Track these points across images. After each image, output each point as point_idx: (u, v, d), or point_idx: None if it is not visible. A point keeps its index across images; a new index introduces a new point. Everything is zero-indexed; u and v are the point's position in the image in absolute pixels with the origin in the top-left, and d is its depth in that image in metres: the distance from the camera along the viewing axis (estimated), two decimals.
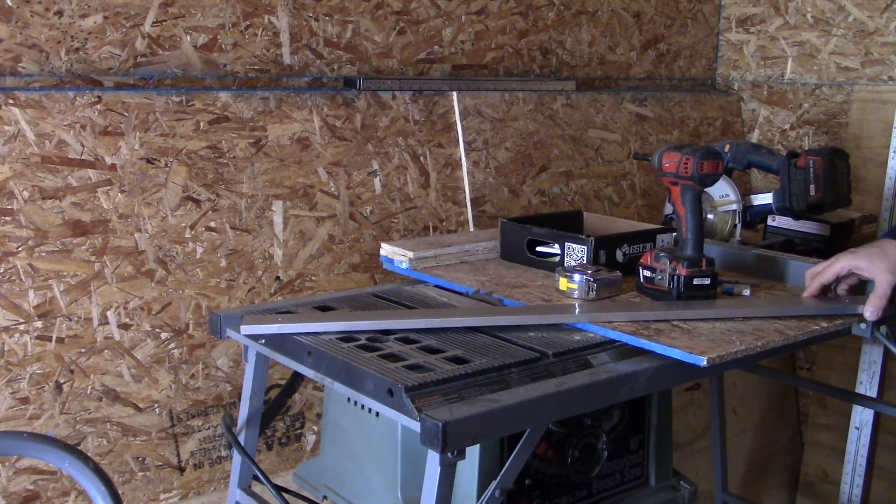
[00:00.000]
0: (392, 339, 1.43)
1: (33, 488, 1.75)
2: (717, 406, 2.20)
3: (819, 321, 1.52)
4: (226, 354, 1.96)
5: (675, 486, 1.73)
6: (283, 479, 1.99)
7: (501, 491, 1.28)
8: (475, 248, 1.88)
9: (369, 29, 2.17)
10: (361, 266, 2.14)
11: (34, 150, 1.71)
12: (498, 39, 2.43)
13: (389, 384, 1.21)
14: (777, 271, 1.80)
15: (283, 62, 2.04)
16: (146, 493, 1.88)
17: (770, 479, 3.05)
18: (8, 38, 1.70)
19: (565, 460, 1.54)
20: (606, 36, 2.70)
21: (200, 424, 1.94)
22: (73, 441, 1.78)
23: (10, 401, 1.72)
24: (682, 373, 1.38)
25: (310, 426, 2.10)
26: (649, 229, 1.84)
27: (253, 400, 1.62)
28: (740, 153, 2.18)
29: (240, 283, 1.96)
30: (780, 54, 2.94)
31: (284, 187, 2.01)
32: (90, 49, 1.80)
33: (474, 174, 2.33)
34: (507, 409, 1.19)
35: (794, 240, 2.23)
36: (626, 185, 2.71)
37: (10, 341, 1.71)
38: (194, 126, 1.88)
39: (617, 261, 1.73)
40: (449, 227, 2.30)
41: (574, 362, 1.35)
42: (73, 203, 1.75)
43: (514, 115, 2.42)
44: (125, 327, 1.83)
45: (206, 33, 1.93)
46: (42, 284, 1.73)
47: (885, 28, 2.70)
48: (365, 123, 2.14)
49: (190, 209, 1.89)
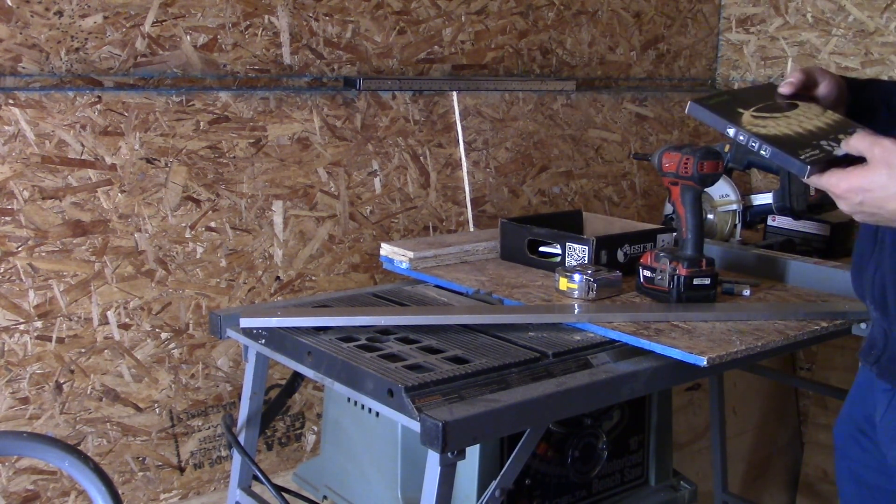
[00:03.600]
0: (392, 339, 1.43)
1: (33, 488, 1.75)
2: (717, 406, 2.20)
3: (819, 321, 1.52)
4: (226, 354, 1.96)
5: (675, 486, 1.73)
6: (283, 479, 1.98)
7: (501, 491, 1.28)
8: (475, 248, 1.88)
9: (369, 29, 2.17)
10: (361, 266, 2.14)
11: (34, 150, 1.71)
12: (498, 39, 2.43)
13: (389, 384, 1.21)
14: (777, 271, 1.80)
15: (283, 62, 2.04)
16: (146, 493, 1.88)
17: (770, 479, 3.05)
18: (8, 38, 1.70)
19: (565, 460, 1.54)
20: (606, 36, 2.70)
21: (200, 424, 1.94)
22: (73, 441, 1.78)
23: (10, 401, 1.72)
24: (682, 373, 1.38)
25: (310, 426, 2.10)
26: (649, 229, 1.84)
27: (253, 400, 1.62)
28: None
29: (240, 283, 1.96)
30: (780, 54, 2.94)
31: (284, 187, 2.01)
32: (90, 49, 1.79)
33: (474, 174, 2.33)
34: (507, 409, 1.19)
35: (794, 240, 2.23)
36: (626, 185, 2.71)
37: (10, 341, 1.71)
38: (194, 126, 1.88)
39: (618, 261, 1.74)
40: (449, 227, 2.30)
41: (574, 362, 1.35)
42: (73, 203, 1.75)
43: (514, 115, 2.42)
44: (125, 327, 1.83)
45: (206, 33, 1.93)
46: (42, 284, 1.73)
47: (885, 28, 2.70)
48: (365, 123, 2.14)
49: (190, 209, 1.89)
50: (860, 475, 1.44)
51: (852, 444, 1.45)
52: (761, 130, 1.30)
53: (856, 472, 1.45)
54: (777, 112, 1.35)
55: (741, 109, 1.34)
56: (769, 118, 1.33)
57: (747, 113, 1.34)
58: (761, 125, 1.31)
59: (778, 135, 1.29)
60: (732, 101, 1.36)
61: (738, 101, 1.37)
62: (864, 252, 1.33)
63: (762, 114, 1.34)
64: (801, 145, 1.25)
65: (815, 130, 1.30)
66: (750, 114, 1.34)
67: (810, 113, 1.34)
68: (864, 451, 1.42)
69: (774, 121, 1.32)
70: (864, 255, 1.33)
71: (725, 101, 1.37)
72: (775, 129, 1.31)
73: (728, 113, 1.34)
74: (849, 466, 1.47)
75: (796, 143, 1.26)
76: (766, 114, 1.34)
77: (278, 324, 1.46)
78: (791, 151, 1.24)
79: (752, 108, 1.35)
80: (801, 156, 1.23)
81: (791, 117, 1.33)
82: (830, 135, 1.27)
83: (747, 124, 1.32)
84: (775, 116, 1.33)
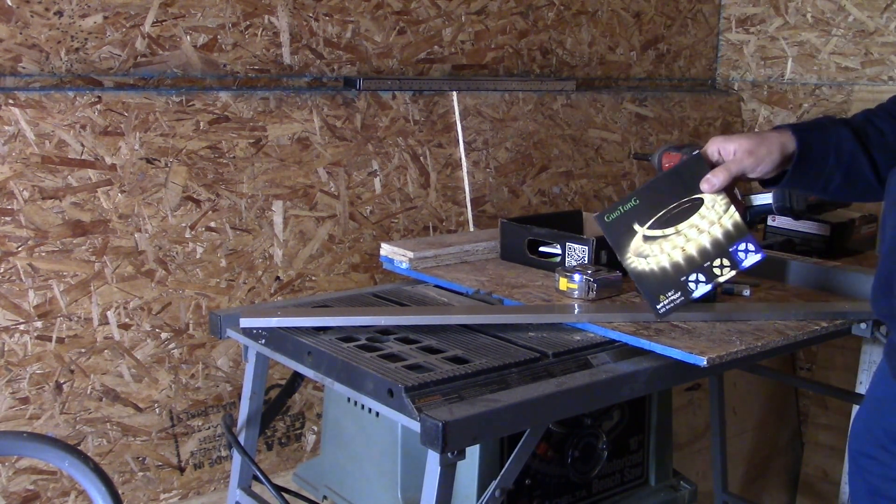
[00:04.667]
0: (392, 339, 1.43)
1: (33, 488, 1.75)
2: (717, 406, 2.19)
3: (819, 321, 1.52)
4: (226, 354, 1.96)
5: (675, 486, 1.73)
6: (283, 479, 1.99)
7: (501, 491, 1.28)
8: (475, 248, 1.88)
9: (369, 29, 2.17)
10: (361, 266, 2.14)
11: (34, 150, 1.71)
12: (498, 39, 2.43)
13: (389, 384, 1.21)
14: (777, 271, 1.80)
15: (283, 62, 2.04)
16: (146, 493, 1.88)
17: (770, 479, 3.05)
18: (8, 38, 1.70)
19: (565, 460, 1.54)
20: (606, 36, 2.70)
21: (200, 424, 1.94)
22: (73, 441, 1.78)
23: (10, 401, 1.72)
24: (682, 373, 1.38)
25: (310, 426, 2.10)
26: None
27: (253, 400, 1.62)
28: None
29: (240, 283, 1.96)
30: (780, 54, 2.94)
31: (284, 187, 2.01)
32: (90, 49, 1.79)
33: (474, 174, 2.33)
34: (507, 409, 1.19)
35: (794, 240, 2.23)
36: (626, 185, 2.71)
37: (10, 341, 1.71)
38: (194, 126, 1.88)
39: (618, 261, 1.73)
40: (449, 227, 2.30)
41: (574, 362, 1.35)
42: (73, 203, 1.75)
43: (514, 115, 2.42)
44: (125, 327, 1.83)
45: (206, 33, 1.93)
46: (42, 284, 1.73)
47: (885, 28, 2.70)
48: (365, 123, 2.14)
49: (190, 209, 1.89)
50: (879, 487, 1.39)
51: (869, 461, 1.41)
52: (638, 266, 1.38)
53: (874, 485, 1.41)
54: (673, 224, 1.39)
55: (637, 227, 1.39)
56: (659, 239, 1.39)
57: (641, 232, 1.39)
58: (645, 252, 1.39)
59: (653, 270, 1.38)
60: (635, 212, 1.40)
61: (641, 209, 1.40)
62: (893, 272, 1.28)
63: (655, 232, 1.39)
64: (666, 287, 1.37)
65: (694, 256, 1.37)
66: (643, 232, 1.39)
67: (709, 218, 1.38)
68: (884, 465, 1.37)
69: (661, 243, 1.39)
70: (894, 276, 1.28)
71: (629, 212, 1.40)
72: (654, 259, 1.38)
73: (623, 234, 1.40)
74: (865, 479, 1.43)
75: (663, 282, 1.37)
76: (658, 231, 1.39)
77: (278, 324, 1.46)
78: (654, 296, 1.38)
79: (649, 223, 1.39)
80: (659, 303, 1.38)
81: (682, 231, 1.38)
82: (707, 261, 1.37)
83: (632, 253, 1.39)
84: (666, 235, 1.39)
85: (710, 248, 1.37)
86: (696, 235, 1.38)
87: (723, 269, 1.37)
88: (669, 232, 1.38)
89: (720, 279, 1.36)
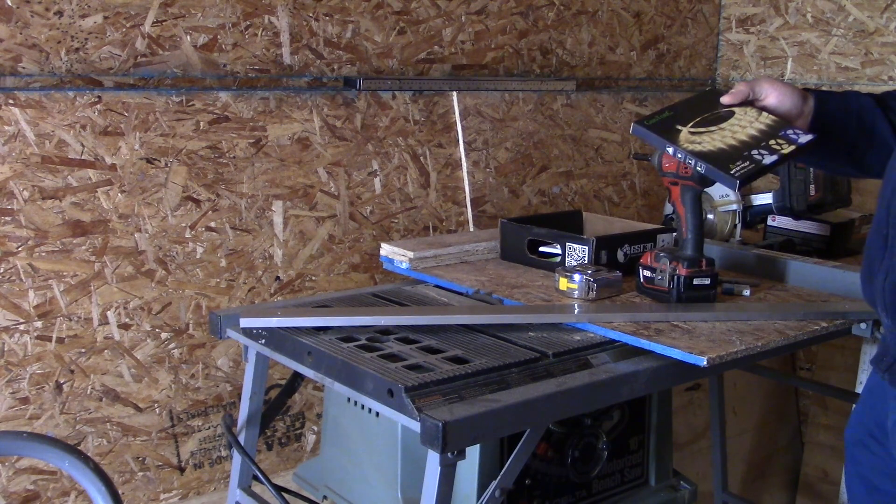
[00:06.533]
0: (392, 339, 1.43)
1: (33, 488, 1.75)
2: (717, 406, 2.20)
3: (819, 321, 1.52)
4: (226, 354, 1.96)
5: (675, 486, 1.73)
6: (283, 479, 1.99)
7: (501, 491, 1.27)
8: (475, 248, 1.88)
9: (369, 29, 2.17)
10: (361, 266, 2.14)
11: (34, 150, 1.71)
12: (498, 39, 2.43)
13: (389, 384, 1.21)
14: (777, 271, 1.80)
15: (283, 62, 2.04)
16: (146, 493, 1.88)
17: (770, 479, 3.05)
18: (8, 38, 1.70)
19: (565, 460, 1.54)
20: (606, 36, 2.70)
21: (200, 424, 1.94)
22: (73, 441, 1.78)
23: (10, 401, 1.72)
24: (682, 373, 1.38)
25: (310, 426, 2.10)
26: (649, 229, 1.84)
27: (253, 400, 1.62)
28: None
29: (240, 283, 1.97)
30: (780, 54, 2.94)
31: (284, 187, 2.01)
32: (90, 49, 1.79)
33: (474, 174, 2.33)
34: (507, 409, 1.19)
35: (794, 240, 2.23)
36: (626, 185, 2.71)
37: (10, 341, 1.71)
38: (194, 126, 1.88)
39: (618, 261, 1.73)
40: (449, 227, 2.30)
41: (574, 362, 1.35)
42: (73, 203, 1.75)
43: (514, 115, 2.42)
44: (125, 327, 1.83)
45: (206, 33, 1.93)
46: (42, 284, 1.73)
47: (885, 28, 2.70)
48: (365, 123, 2.14)
49: (190, 209, 1.89)
50: (871, 479, 1.43)
51: (862, 449, 1.44)
52: (697, 147, 1.42)
53: (866, 477, 1.44)
54: (713, 125, 1.45)
55: (680, 126, 1.45)
56: (705, 133, 1.44)
57: (685, 129, 1.45)
58: (697, 141, 1.43)
59: (712, 150, 1.41)
60: (672, 119, 1.47)
61: (678, 117, 1.47)
62: (873, 259, 1.32)
63: (699, 129, 1.45)
64: (732, 159, 1.39)
65: (747, 140, 1.42)
66: (688, 130, 1.45)
67: (745, 120, 1.45)
68: (875, 455, 1.41)
69: (710, 135, 1.44)
70: (874, 263, 1.32)
71: (666, 119, 1.47)
72: (710, 143, 1.42)
73: (667, 132, 1.45)
74: (858, 471, 1.45)
75: (728, 156, 1.40)
76: (702, 128, 1.45)
77: (278, 324, 1.46)
78: (723, 167, 1.39)
79: (691, 124, 1.46)
80: (731, 170, 1.38)
81: (726, 128, 1.44)
82: (762, 142, 1.41)
83: (684, 142, 1.44)
84: (711, 130, 1.45)
85: (761, 135, 1.42)
86: (740, 130, 1.43)
87: (782, 146, 1.41)
88: (713, 129, 1.44)
89: (784, 152, 1.40)
